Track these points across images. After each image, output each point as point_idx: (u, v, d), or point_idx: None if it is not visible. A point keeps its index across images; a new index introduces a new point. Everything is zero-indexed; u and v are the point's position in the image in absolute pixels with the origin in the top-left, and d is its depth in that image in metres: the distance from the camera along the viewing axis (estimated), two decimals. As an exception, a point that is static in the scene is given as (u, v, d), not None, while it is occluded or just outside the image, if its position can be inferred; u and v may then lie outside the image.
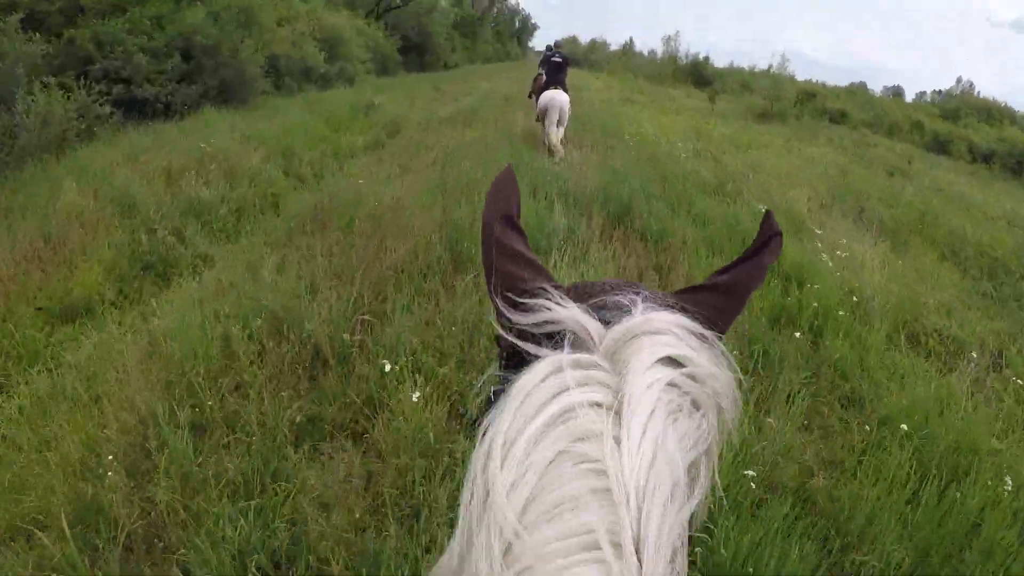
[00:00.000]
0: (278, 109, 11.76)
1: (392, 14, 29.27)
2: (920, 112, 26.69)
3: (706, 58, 31.58)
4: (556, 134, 7.96)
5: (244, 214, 5.71)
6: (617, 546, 0.41)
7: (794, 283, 4.49)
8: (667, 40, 31.48)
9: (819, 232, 6.05)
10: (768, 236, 0.68)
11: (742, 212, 6.05)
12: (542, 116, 8.17)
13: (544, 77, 8.76)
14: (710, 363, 0.50)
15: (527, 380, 0.48)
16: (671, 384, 0.48)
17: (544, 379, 0.48)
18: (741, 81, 28.04)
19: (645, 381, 0.47)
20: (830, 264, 5.03)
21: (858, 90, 29.87)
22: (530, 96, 9.44)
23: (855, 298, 4.46)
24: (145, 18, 9.76)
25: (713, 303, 0.63)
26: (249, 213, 5.74)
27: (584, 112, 12.20)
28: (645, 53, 53.13)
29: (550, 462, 0.44)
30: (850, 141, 15.36)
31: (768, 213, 0.70)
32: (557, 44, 9.19)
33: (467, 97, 16.93)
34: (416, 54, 30.42)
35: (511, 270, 0.63)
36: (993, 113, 27.02)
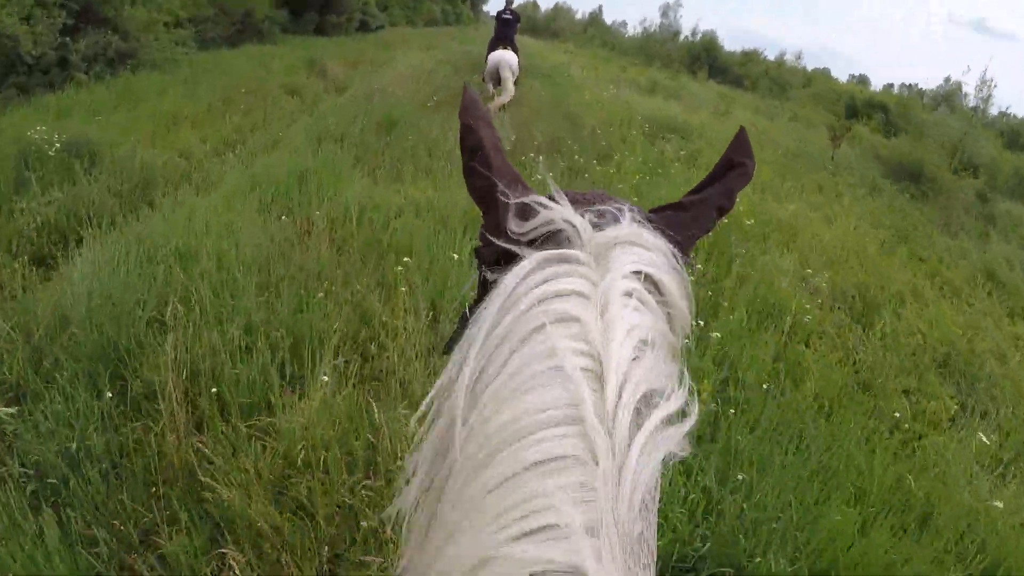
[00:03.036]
0: None
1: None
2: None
3: (711, 36, 23.09)
4: (504, 94, 7.59)
5: None
6: (600, 420, 0.40)
7: None
8: (665, 9, 23.03)
9: None
10: (740, 159, 0.66)
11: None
12: (491, 77, 7.85)
13: (496, 31, 8.55)
14: (679, 292, 0.52)
15: (512, 274, 0.49)
16: (647, 298, 0.49)
17: (529, 272, 0.49)
18: (774, 75, 20.21)
19: (625, 286, 0.48)
20: None
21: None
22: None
23: None
24: None
25: (679, 221, 0.62)
26: None
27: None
28: (609, 24, 45.46)
29: (526, 338, 0.45)
30: None
31: (741, 130, 0.69)
32: (509, 2, 8.93)
33: (356, 85, 8.81)
34: (318, 11, 21.54)
35: (505, 180, 0.60)
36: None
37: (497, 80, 7.73)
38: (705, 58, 20.42)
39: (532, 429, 0.39)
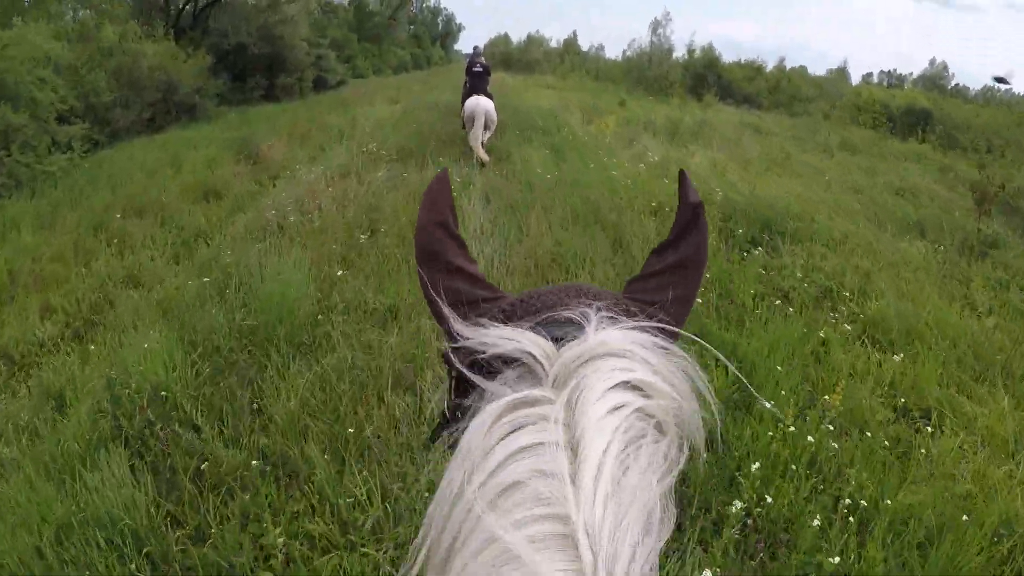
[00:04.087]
0: None
1: (212, 13, 17.70)
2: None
3: (710, 51, 20.25)
4: (480, 140, 7.88)
5: None
6: None
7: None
8: (655, 25, 20.30)
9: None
10: (693, 205, 0.59)
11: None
12: (468, 124, 8.11)
13: (468, 85, 8.76)
14: (670, 383, 0.45)
15: (473, 433, 0.45)
16: (629, 411, 0.43)
17: (489, 428, 0.44)
18: (790, 90, 17.53)
19: (599, 411, 0.42)
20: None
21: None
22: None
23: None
24: None
25: (670, 283, 0.57)
26: None
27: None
28: (586, 49, 43.69)
29: (492, 506, 0.41)
30: None
31: (682, 174, 0.63)
32: (477, 51, 9.88)
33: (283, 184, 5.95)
34: (264, 74, 18.91)
35: (453, 285, 0.58)
36: None
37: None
38: (710, 77, 17.77)
39: None
